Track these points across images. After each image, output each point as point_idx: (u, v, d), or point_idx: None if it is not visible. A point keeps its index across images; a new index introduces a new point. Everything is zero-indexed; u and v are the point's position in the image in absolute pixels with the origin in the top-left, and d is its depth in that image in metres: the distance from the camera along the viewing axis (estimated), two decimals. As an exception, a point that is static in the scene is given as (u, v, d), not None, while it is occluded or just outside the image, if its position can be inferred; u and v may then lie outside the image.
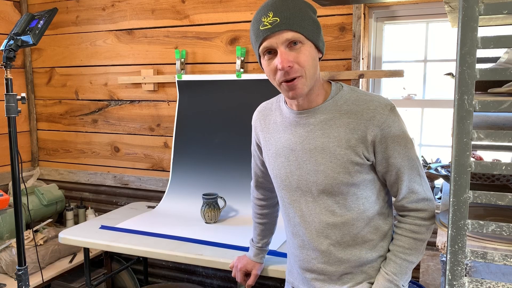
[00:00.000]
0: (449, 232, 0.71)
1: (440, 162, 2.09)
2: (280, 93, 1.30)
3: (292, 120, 1.20)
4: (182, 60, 2.47)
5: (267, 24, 1.05)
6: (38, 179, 3.01)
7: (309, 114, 1.16)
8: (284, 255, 1.70)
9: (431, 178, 2.00)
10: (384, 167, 1.14)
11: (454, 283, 0.72)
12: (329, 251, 1.20)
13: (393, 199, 1.23)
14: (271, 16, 1.05)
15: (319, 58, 1.14)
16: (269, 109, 1.30)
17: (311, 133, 1.16)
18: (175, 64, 2.54)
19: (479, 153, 1.92)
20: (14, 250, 2.25)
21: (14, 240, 2.30)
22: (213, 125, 2.40)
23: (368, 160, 1.13)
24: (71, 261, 2.41)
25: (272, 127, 1.26)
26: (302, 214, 1.21)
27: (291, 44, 1.05)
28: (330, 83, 1.20)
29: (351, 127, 1.12)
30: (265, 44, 1.07)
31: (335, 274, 1.22)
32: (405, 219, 1.18)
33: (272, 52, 1.08)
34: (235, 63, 2.40)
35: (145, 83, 2.60)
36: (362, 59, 2.15)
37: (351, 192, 1.15)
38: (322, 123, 1.15)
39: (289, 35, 1.04)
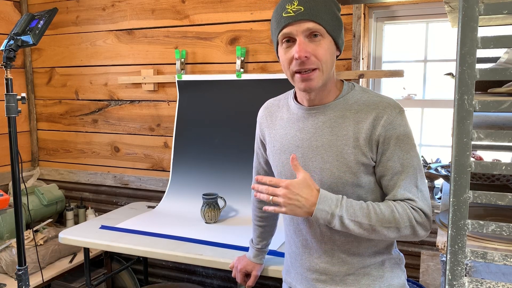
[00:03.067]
0: (449, 232, 0.71)
1: (440, 162, 2.09)
2: (285, 92, 1.30)
3: (300, 116, 1.19)
4: (182, 60, 2.47)
5: (291, 11, 1.05)
6: (38, 179, 3.01)
7: (319, 110, 1.16)
8: (284, 255, 1.70)
9: (431, 178, 2.00)
10: (380, 170, 1.12)
11: (454, 283, 0.72)
12: (333, 251, 1.19)
13: None
14: (296, 4, 1.05)
15: (337, 56, 1.14)
16: (276, 105, 1.29)
17: (318, 130, 1.15)
18: (175, 64, 2.54)
19: (479, 153, 1.92)
20: (14, 250, 2.25)
21: (14, 240, 2.30)
22: (213, 125, 2.40)
23: (373, 161, 1.12)
24: (71, 261, 2.41)
25: (279, 123, 1.25)
26: None
27: (311, 35, 1.06)
28: (342, 82, 1.19)
29: (359, 126, 1.11)
30: (285, 30, 1.07)
31: (338, 274, 1.20)
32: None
33: (291, 40, 1.08)
34: (235, 63, 2.40)
35: (145, 83, 2.60)
36: (362, 59, 2.15)
37: (356, 194, 1.13)
38: (331, 120, 1.14)
39: (311, 25, 1.04)
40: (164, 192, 2.52)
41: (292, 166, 1.08)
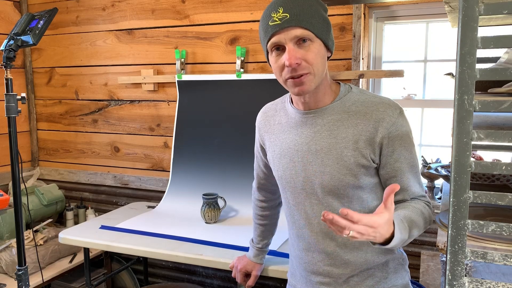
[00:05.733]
0: (449, 232, 0.71)
1: (440, 162, 2.09)
2: (284, 94, 1.29)
3: (298, 120, 1.18)
4: (182, 60, 2.47)
5: (277, 19, 1.04)
6: (38, 179, 3.01)
7: (316, 114, 1.15)
8: (284, 255, 1.70)
9: (431, 178, 2.00)
10: (388, 172, 1.13)
11: (454, 283, 0.72)
12: (336, 253, 1.18)
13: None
14: (281, 11, 1.03)
15: (328, 57, 1.13)
16: (274, 109, 1.29)
17: (317, 134, 1.15)
18: (175, 64, 2.54)
19: (479, 153, 1.92)
20: (14, 250, 2.25)
21: (14, 240, 2.30)
22: (213, 125, 2.40)
23: (374, 163, 1.12)
24: (71, 261, 2.41)
25: (277, 127, 1.25)
26: (307, 216, 1.19)
27: (300, 41, 1.04)
28: (339, 84, 1.18)
29: (359, 128, 1.11)
30: (273, 39, 1.06)
31: (342, 277, 1.20)
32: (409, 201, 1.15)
33: (280, 48, 1.07)
34: (235, 63, 2.40)
35: (145, 83, 2.60)
36: (362, 59, 2.15)
37: (357, 195, 1.14)
38: (330, 123, 1.14)
39: (298, 32, 1.03)
40: (164, 192, 2.52)
41: (383, 208, 0.92)
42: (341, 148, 1.12)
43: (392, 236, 0.95)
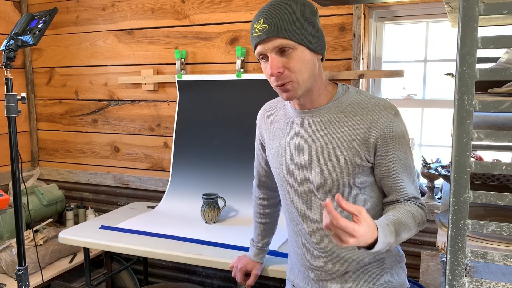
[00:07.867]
0: (449, 232, 0.71)
1: (440, 162, 2.09)
2: None
3: (296, 119, 1.20)
4: (182, 60, 2.47)
5: (258, 31, 1.07)
6: (38, 179, 3.01)
7: (313, 114, 1.17)
8: (284, 255, 1.70)
9: (431, 178, 2.00)
10: (382, 172, 1.14)
11: (454, 283, 0.72)
12: (332, 250, 1.20)
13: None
14: (261, 23, 1.06)
15: (321, 59, 1.14)
16: (274, 108, 1.31)
17: (314, 133, 1.16)
18: (175, 64, 2.54)
19: (479, 153, 1.92)
20: (14, 250, 2.25)
21: (14, 240, 2.30)
22: (213, 125, 2.40)
23: (369, 162, 1.14)
24: (71, 261, 2.41)
25: (276, 126, 1.27)
26: (304, 213, 1.21)
27: (281, 50, 1.06)
28: (337, 84, 1.20)
29: (354, 128, 1.12)
30: (257, 50, 1.09)
31: (338, 272, 1.22)
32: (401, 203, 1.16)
33: (265, 57, 1.10)
34: (235, 63, 2.40)
35: (145, 83, 2.60)
36: (362, 59, 2.15)
37: (352, 194, 1.15)
38: (326, 123, 1.15)
39: (277, 42, 1.05)
40: (164, 192, 2.52)
41: (355, 219, 0.94)
42: (336, 148, 1.13)
43: (376, 241, 0.97)
